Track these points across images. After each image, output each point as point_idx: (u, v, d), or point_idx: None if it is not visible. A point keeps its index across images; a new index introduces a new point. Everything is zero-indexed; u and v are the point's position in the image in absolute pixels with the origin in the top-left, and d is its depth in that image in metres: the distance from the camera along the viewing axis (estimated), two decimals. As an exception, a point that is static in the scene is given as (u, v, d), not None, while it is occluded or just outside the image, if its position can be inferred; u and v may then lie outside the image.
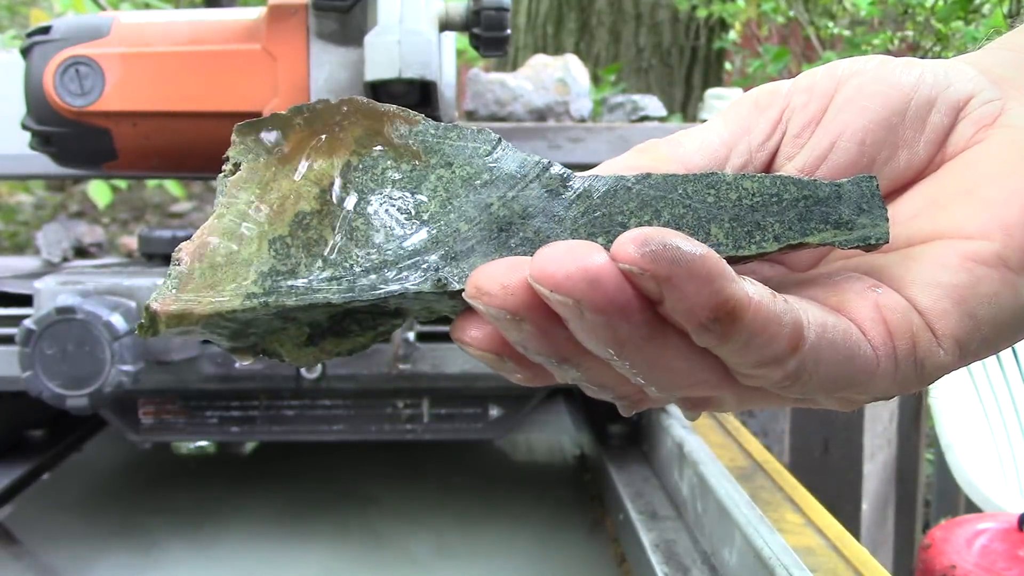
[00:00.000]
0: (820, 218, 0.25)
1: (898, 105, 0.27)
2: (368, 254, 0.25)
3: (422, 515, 0.76)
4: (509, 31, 0.60)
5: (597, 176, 0.25)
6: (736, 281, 0.21)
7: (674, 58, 2.66)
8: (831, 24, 2.31)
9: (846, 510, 1.55)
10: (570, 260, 0.20)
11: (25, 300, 0.65)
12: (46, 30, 0.64)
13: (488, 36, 0.59)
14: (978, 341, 0.25)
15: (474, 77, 1.03)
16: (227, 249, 0.25)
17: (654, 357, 0.22)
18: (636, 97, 1.04)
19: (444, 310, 0.26)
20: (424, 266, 0.25)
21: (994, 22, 1.95)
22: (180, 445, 0.75)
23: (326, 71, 0.62)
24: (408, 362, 0.66)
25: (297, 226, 0.25)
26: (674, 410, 0.72)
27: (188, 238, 0.26)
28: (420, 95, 0.57)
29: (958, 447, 1.56)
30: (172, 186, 2.55)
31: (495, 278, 0.22)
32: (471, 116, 1.03)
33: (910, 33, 2.20)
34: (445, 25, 0.60)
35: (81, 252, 1.10)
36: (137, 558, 0.68)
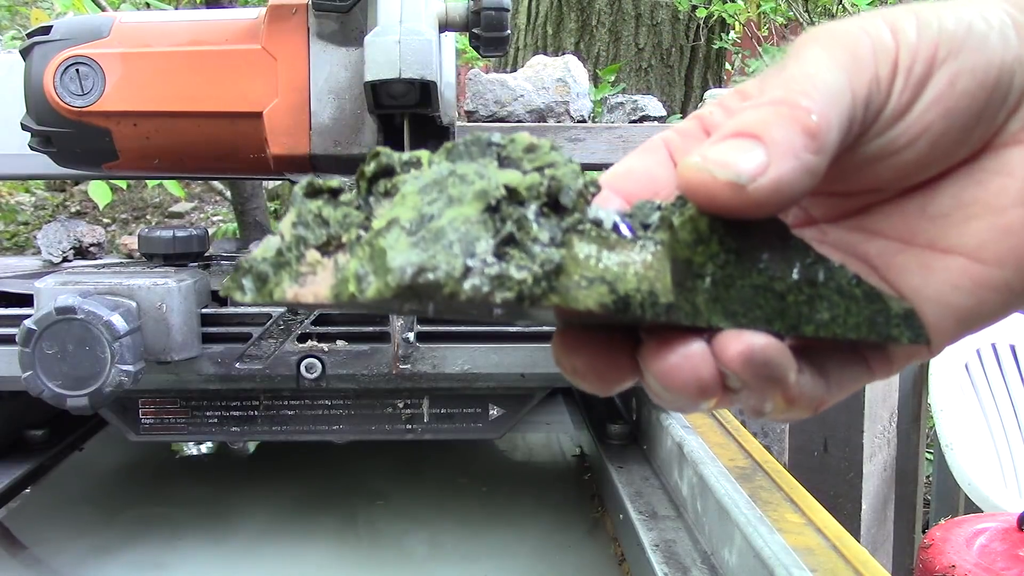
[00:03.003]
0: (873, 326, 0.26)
1: (983, 105, 0.25)
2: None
3: (421, 514, 0.76)
4: (509, 31, 0.60)
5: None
6: (797, 383, 0.25)
7: (674, 58, 2.66)
8: (831, 24, 2.31)
9: (846, 510, 1.55)
10: (685, 368, 0.24)
11: (25, 300, 0.65)
12: (46, 30, 0.64)
13: (488, 36, 0.59)
14: (956, 340, 0.27)
15: (474, 77, 1.03)
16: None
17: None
18: (636, 97, 1.04)
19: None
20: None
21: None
22: (181, 446, 0.75)
23: (326, 71, 0.62)
24: (408, 362, 0.66)
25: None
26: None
27: (188, 238, 0.25)
28: (420, 95, 0.57)
29: (958, 447, 1.57)
30: (172, 186, 2.55)
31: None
32: (471, 116, 1.03)
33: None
34: (445, 25, 0.60)
35: (81, 252, 1.10)
36: (137, 557, 0.68)
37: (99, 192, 1.99)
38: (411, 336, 0.66)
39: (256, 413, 0.71)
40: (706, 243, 0.24)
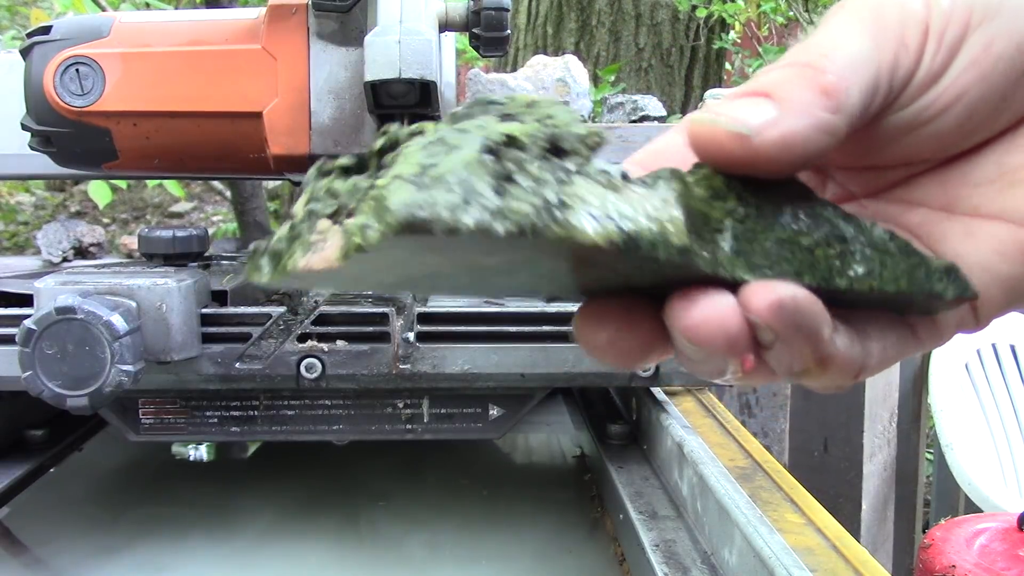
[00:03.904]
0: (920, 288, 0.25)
1: (1019, 76, 0.25)
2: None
3: (421, 514, 0.76)
4: (509, 31, 0.60)
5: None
6: (832, 338, 0.24)
7: (674, 58, 2.66)
8: (831, 24, 2.31)
9: (846, 510, 1.55)
10: (713, 316, 0.23)
11: (25, 300, 0.65)
12: (46, 30, 0.64)
13: (488, 36, 0.59)
14: (1004, 312, 0.27)
15: (474, 77, 1.03)
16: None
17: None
18: (636, 97, 1.04)
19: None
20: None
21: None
22: (181, 446, 0.75)
23: (326, 71, 0.62)
24: (408, 362, 0.66)
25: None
26: (674, 410, 0.73)
27: (188, 238, 0.25)
28: (420, 95, 0.57)
29: (958, 447, 1.57)
30: (172, 186, 2.55)
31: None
32: (471, 116, 1.03)
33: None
34: (445, 25, 0.60)
35: (81, 252, 1.10)
36: (137, 557, 0.68)
37: (99, 192, 1.99)
38: (411, 336, 0.66)
39: (256, 413, 0.71)
40: (723, 199, 0.24)
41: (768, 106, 0.23)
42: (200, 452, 0.93)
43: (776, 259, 0.24)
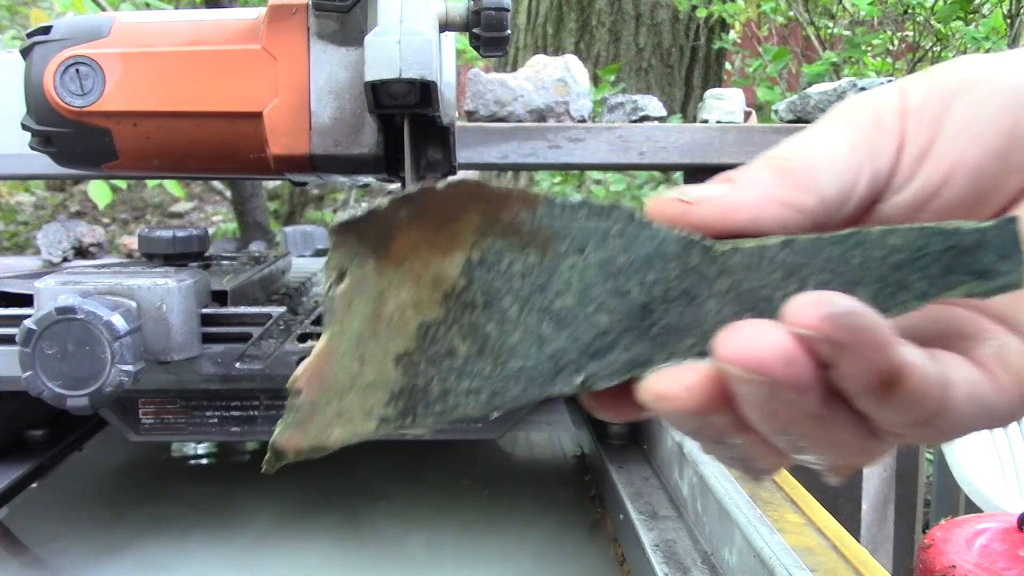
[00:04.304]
0: (963, 269, 0.23)
1: (1011, 130, 0.25)
2: (505, 362, 0.23)
3: (421, 514, 0.76)
4: (509, 31, 0.60)
5: (737, 248, 0.23)
6: (901, 346, 0.22)
7: (674, 58, 2.66)
8: (831, 24, 2.31)
9: (846, 510, 1.55)
10: (760, 338, 0.21)
11: (25, 300, 0.65)
12: (46, 30, 0.64)
13: (488, 36, 0.59)
14: None
15: (474, 77, 1.03)
16: (348, 373, 0.23)
17: (822, 429, 0.23)
18: (636, 97, 1.04)
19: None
20: (565, 368, 0.23)
21: (994, 22, 1.95)
22: (181, 446, 0.75)
23: (326, 71, 0.62)
24: (408, 362, 0.66)
25: (423, 339, 0.23)
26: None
27: (188, 238, 0.25)
28: (420, 95, 0.57)
29: (958, 447, 1.56)
30: (172, 186, 2.55)
31: (678, 381, 0.22)
32: (471, 116, 1.03)
33: (910, 33, 2.20)
34: (445, 25, 0.60)
35: (81, 252, 1.10)
36: (137, 557, 0.68)
37: (99, 192, 1.99)
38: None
39: (256, 413, 0.71)
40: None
41: (722, 186, 0.24)
42: (200, 452, 0.93)
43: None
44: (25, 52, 0.64)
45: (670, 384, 0.22)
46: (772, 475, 0.26)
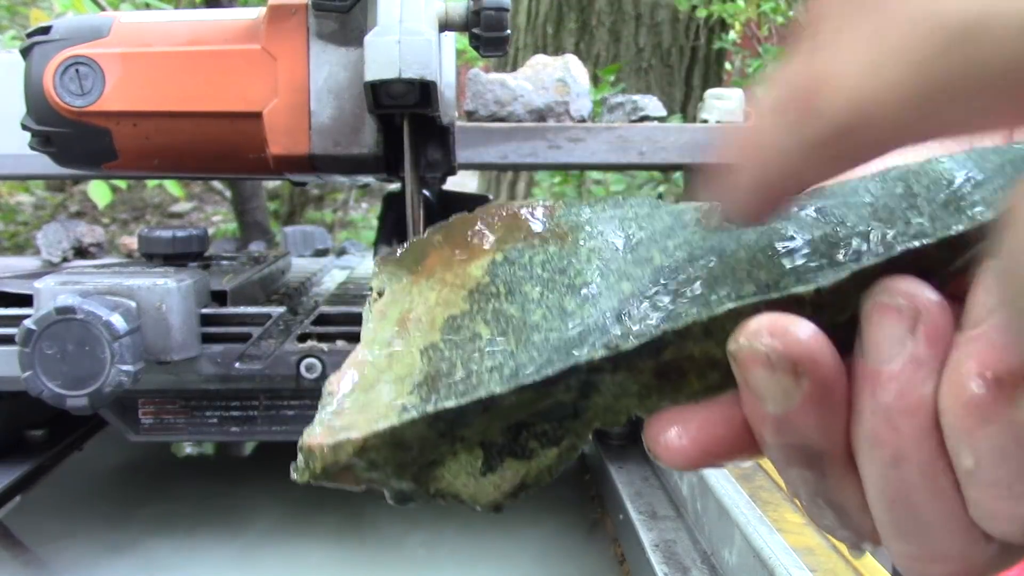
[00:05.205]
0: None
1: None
2: (528, 337, 0.22)
3: (421, 514, 0.76)
4: (509, 31, 0.60)
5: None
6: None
7: (674, 58, 2.66)
8: (831, 24, 2.31)
9: (846, 510, 1.54)
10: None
11: (25, 300, 0.65)
12: (46, 30, 0.64)
13: (488, 36, 0.59)
14: None
15: (474, 77, 1.03)
16: (378, 370, 0.23)
17: (919, 476, 0.19)
18: (636, 97, 1.04)
19: (631, 404, 0.23)
20: (591, 333, 0.22)
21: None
22: (180, 446, 0.75)
23: (326, 71, 0.62)
24: (408, 362, 0.66)
25: (448, 330, 0.23)
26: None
27: (188, 238, 0.25)
28: (420, 95, 0.57)
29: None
30: (172, 186, 2.55)
31: (768, 327, 0.19)
32: (471, 116, 1.03)
33: (910, 33, 2.19)
34: (445, 25, 0.60)
35: (81, 252, 1.10)
36: (138, 558, 0.68)
37: (99, 192, 1.99)
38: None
39: (256, 413, 0.71)
40: None
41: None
42: (201, 452, 0.93)
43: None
44: (25, 52, 0.64)
45: (760, 327, 0.19)
46: (865, 547, 0.22)
